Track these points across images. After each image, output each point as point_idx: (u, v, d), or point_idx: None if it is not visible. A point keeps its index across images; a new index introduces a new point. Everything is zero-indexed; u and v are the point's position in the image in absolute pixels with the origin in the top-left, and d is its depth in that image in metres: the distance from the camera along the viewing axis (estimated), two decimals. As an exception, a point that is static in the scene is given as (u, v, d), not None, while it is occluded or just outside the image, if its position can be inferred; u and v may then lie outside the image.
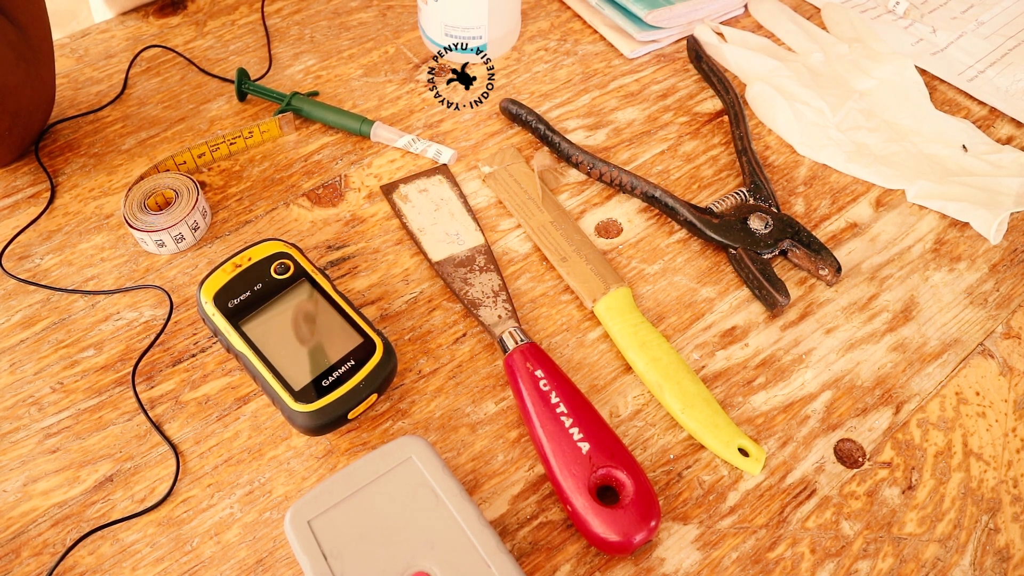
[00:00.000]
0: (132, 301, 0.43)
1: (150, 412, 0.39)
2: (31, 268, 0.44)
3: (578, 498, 0.34)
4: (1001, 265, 0.46)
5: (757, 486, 0.38)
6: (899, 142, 0.52)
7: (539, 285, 0.45)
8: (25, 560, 0.35)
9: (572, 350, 0.42)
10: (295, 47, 0.57)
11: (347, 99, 0.54)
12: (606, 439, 0.36)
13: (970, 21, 0.61)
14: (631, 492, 0.34)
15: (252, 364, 0.37)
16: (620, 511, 0.34)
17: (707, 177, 0.50)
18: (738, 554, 0.35)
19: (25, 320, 0.42)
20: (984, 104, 0.55)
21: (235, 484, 0.37)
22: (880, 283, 0.45)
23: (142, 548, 0.35)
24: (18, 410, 0.39)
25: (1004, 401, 0.41)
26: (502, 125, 0.53)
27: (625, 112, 0.54)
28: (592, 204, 0.49)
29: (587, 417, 0.36)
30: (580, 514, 0.34)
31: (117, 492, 0.37)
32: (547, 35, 0.59)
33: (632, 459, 0.36)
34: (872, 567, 0.35)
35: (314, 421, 0.35)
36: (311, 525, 0.32)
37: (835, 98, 0.54)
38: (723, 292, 0.45)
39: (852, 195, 0.50)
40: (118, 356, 0.41)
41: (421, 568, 0.31)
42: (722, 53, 0.57)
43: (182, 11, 0.59)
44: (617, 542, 0.33)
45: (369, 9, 0.60)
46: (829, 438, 0.39)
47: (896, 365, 0.42)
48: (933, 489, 0.38)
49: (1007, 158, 0.51)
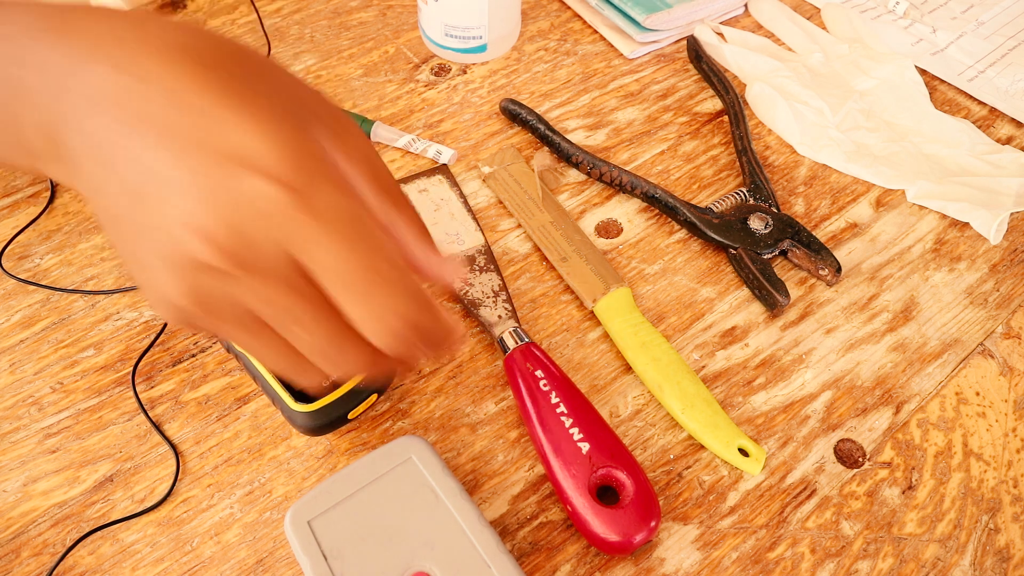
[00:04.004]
0: (132, 301, 0.43)
1: (150, 412, 0.39)
2: (31, 268, 0.44)
3: (578, 498, 0.34)
4: (1001, 265, 0.46)
5: (757, 486, 0.38)
6: (899, 142, 0.52)
7: (539, 285, 0.45)
8: (25, 560, 0.35)
9: (572, 350, 0.42)
10: (295, 47, 0.57)
11: (347, 99, 0.54)
12: (606, 439, 0.36)
13: (970, 21, 0.61)
14: (631, 492, 0.34)
15: (252, 364, 0.37)
16: (620, 511, 0.34)
17: (707, 177, 0.50)
18: (738, 554, 0.36)
19: (25, 320, 0.42)
20: (984, 104, 0.55)
21: (235, 484, 0.37)
22: (880, 283, 0.45)
23: (142, 548, 0.35)
24: (18, 410, 0.39)
25: (1004, 401, 0.41)
26: (502, 125, 0.53)
27: (625, 112, 0.54)
28: (592, 204, 0.49)
29: (587, 417, 0.36)
30: (580, 514, 0.34)
31: (117, 492, 0.37)
32: (547, 35, 0.59)
33: (632, 459, 0.36)
34: (872, 567, 0.35)
35: (314, 421, 0.35)
36: (311, 525, 0.32)
37: (835, 98, 0.54)
38: (723, 292, 0.45)
39: (852, 195, 0.50)
40: (118, 356, 0.41)
41: (421, 568, 0.31)
42: (722, 53, 0.57)
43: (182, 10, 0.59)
44: (617, 542, 0.34)
45: (369, 9, 0.60)
46: (829, 438, 0.39)
47: (896, 365, 0.42)
48: (933, 489, 0.38)
49: (1007, 158, 0.51)
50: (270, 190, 0.23)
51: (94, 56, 0.26)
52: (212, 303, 0.25)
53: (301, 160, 0.24)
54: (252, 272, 0.24)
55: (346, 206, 0.24)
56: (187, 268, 0.24)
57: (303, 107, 0.26)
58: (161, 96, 0.24)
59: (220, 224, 0.23)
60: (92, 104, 0.25)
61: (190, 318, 0.26)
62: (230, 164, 0.23)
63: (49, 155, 0.27)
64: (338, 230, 0.24)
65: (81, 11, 0.27)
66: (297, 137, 0.24)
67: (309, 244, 0.24)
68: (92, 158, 0.25)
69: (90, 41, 0.26)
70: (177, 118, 0.24)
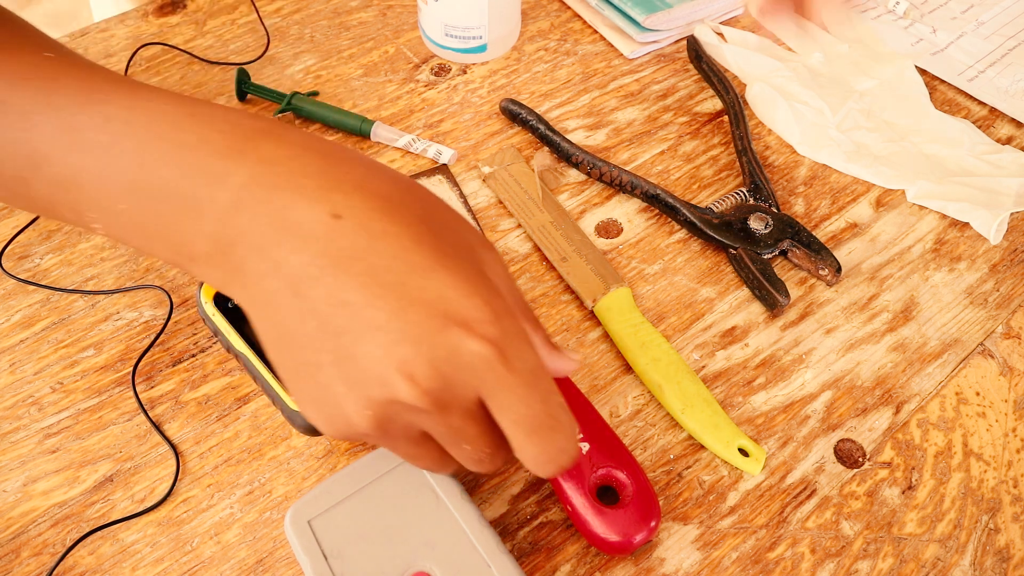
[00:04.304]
0: (132, 301, 0.43)
1: (150, 412, 0.39)
2: (31, 268, 0.44)
3: (578, 498, 0.34)
4: (1001, 265, 0.46)
5: (757, 486, 0.38)
6: (899, 142, 0.52)
7: (539, 285, 0.45)
8: (25, 560, 0.35)
9: (572, 350, 0.42)
10: (295, 47, 0.57)
11: (347, 99, 0.54)
12: (606, 439, 0.36)
13: (970, 21, 0.61)
14: (631, 492, 0.34)
15: (252, 364, 0.37)
16: (620, 511, 0.34)
17: (707, 177, 0.50)
18: (738, 554, 0.36)
19: (25, 320, 0.42)
20: (984, 104, 0.55)
21: (235, 484, 0.37)
22: (880, 283, 0.45)
23: (142, 548, 0.35)
24: (18, 410, 0.39)
25: (1004, 401, 0.41)
26: (502, 125, 0.53)
27: (625, 112, 0.54)
28: (592, 204, 0.49)
29: (587, 417, 0.36)
30: (580, 514, 0.34)
31: (117, 492, 0.37)
32: (547, 35, 0.59)
33: (632, 459, 0.36)
34: (872, 567, 0.35)
35: (314, 421, 0.35)
36: (311, 525, 0.32)
37: (835, 98, 0.54)
38: (723, 292, 0.45)
39: (852, 195, 0.50)
40: (118, 356, 0.41)
41: (421, 568, 0.31)
42: (722, 53, 0.57)
43: (182, 10, 0.59)
44: (617, 542, 0.34)
45: (369, 9, 0.60)
46: (829, 438, 0.39)
47: (896, 365, 0.42)
48: (933, 489, 0.38)
49: (1007, 158, 0.51)
50: (477, 346, 0.26)
51: (279, 184, 0.27)
52: (392, 428, 0.28)
53: (501, 319, 0.26)
54: (443, 410, 0.27)
55: (533, 361, 0.27)
56: (384, 403, 0.26)
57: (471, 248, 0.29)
58: (361, 238, 0.26)
59: (430, 372, 0.26)
60: (282, 233, 0.27)
61: (359, 436, 0.28)
62: (444, 320, 0.26)
63: (211, 262, 0.29)
64: (528, 382, 0.27)
65: (261, 133, 0.29)
66: (495, 295, 0.27)
67: (501, 392, 0.27)
68: (277, 283, 0.27)
69: (275, 168, 0.28)
70: (382, 264, 0.26)
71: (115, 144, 0.29)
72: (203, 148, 0.28)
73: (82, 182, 0.30)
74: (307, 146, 0.29)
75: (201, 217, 0.28)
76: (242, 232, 0.27)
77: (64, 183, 0.30)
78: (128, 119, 0.29)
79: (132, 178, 0.29)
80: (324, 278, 0.26)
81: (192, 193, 0.28)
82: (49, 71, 0.31)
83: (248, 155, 0.28)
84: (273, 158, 0.28)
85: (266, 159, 0.28)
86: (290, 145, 0.29)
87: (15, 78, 0.30)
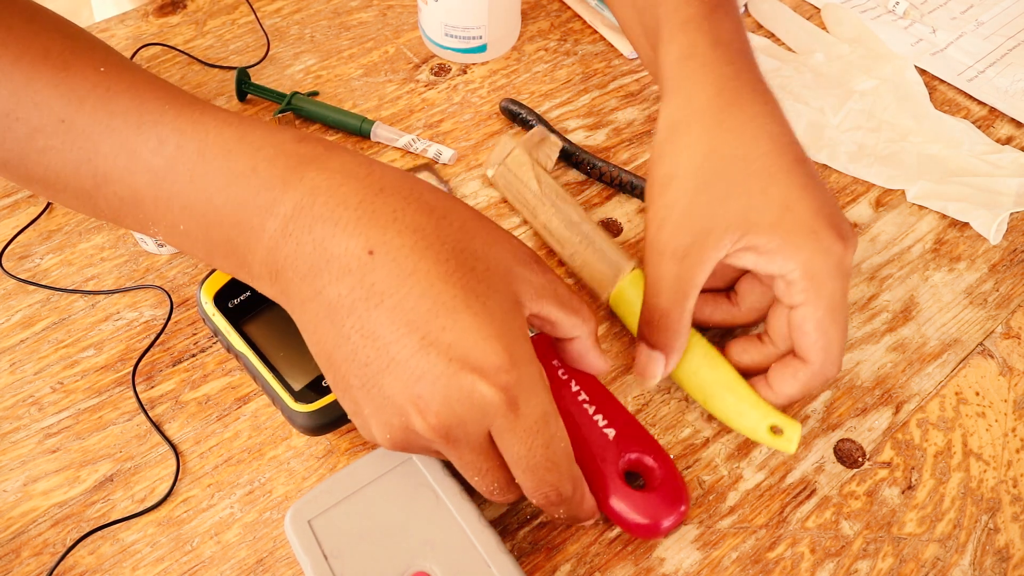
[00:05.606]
0: (132, 301, 0.43)
1: (150, 412, 0.39)
2: (31, 268, 0.44)
3: (611, 482, 0.34)
4: (1001, 265, 0.46)
5: (757, 486, 0.38)
6: (899, 142, 0.52)
7: (539, 285, 0.45)
8: (25, 560, 0.35)
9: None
10: (295, 47, 0.57)
11: (347, 99, 0.54)
12: (630, 425, 0.36)
13: (970, 21, 0.61)
14: (660, 476, 0.35)
15: (252, 364, 0.37)
16: (651, 495, 0.34)
17: (707, 177, 0.50)
18: (738, 554, 0.36)
19: (25, 320, 0.42)
20: (984, 104, 0.55)
21: (235, 484, 0.37)
22: (880, 283, 0.45)
23: (142, 548, 0.35)
24: (18, 410, 0.39)
25: (1004, 401, 0.41)
26: (502, 125, 0.53)
27: (625, 112, 0.54)
28: (592, 204, 0.49)
29: (609, 405, 0.36)
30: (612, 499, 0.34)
31: (117, 492, 0.37)
32: (547, 35, 0.59)
33: (658, 445, 0.35)
34: (872, 567, 0.35)
35: (314, 421, 0.35)
36: (311, 525, 0.32)
37: (835, 98, 0.54)
38: (723, 292, 0.45)
39: (852, 195, 0.50)
40: (118, 356, 0.41)
41: (421, 568, 0.31)
42: (722, 53, 0.57)
43: (182, 10, 0.59)
44: (647, 524, 0.34)
45: (369, 9, 0.60)
46: (829, 438, 0.39)
47: (896, 365, 0.42)
48: (933, 489, 0.38)
49: (1007, 158, 0.51)
50: (490, 392, 0.27)
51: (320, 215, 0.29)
52: (410, 449, 0.31)
53: (517, 365, 0.28)
54: (454, 444, 0.29)
55: (543, 410, 0.29)
56: (399, 429, 0.29)
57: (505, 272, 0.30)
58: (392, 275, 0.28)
59: (443, 410, 0.28)
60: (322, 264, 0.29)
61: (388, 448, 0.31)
62: (461, 364, 0.27)
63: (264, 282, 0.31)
64: (534, 429, 0.29)
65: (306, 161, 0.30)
66: (515, 339, 0.29)
67: (507, 434, 0.29)
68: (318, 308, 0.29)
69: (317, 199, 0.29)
70: (409, 303, 0.28)
71: (170, 169, 0.31)
72: (253, 179, 0.30)
73: (142, 201, 0.32)
74: (348, 173, 0.30)
75: (252, 243, 0.30)
76: (288, 259, 0.30)
77: (127, 200, 0.32)
78: (179, 143, 0.31)
79: (187, 203, 0.31)
80: (357, 310, 0.28)
81: (245, 221, 0.30)
82: (104, 88, 0.32)
83: (293, 185, 0.30)
84: (315, 187, 0.30)
85: (309, 189, 0.30)
86: (332, 173, 0.30)
87: (76, 96, 0.32)
